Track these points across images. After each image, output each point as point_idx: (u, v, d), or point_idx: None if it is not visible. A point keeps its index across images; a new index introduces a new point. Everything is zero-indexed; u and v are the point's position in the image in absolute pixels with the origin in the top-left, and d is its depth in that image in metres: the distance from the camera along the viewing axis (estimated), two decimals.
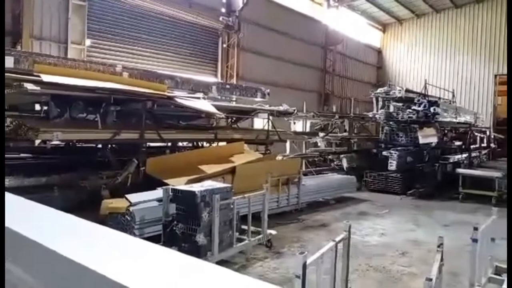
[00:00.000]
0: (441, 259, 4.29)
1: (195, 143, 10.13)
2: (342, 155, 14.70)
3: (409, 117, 14.43)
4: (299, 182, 9.95)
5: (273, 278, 5.71)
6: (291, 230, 8.53)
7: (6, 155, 7.07)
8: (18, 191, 5.10)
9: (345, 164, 14.00)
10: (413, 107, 14.47)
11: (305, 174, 11.78)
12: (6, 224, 2.88)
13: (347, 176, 12.94)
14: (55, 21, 11.70)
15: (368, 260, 6.68)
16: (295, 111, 12.80)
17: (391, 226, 9.34)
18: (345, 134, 16.57)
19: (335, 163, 14.87)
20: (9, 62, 6.75)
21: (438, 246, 4.46)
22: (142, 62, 13.51)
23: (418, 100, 14.59)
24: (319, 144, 15.71)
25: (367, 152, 15.82)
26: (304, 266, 3.26)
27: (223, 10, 16.71)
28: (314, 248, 4.45)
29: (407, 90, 15.66)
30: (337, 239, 4.17)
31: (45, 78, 6.26)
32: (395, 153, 13.68)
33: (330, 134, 15.90)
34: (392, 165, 13.55)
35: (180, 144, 9.89)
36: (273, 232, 7.19)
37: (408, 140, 15.00)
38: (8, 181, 5.99)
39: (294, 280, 3.26)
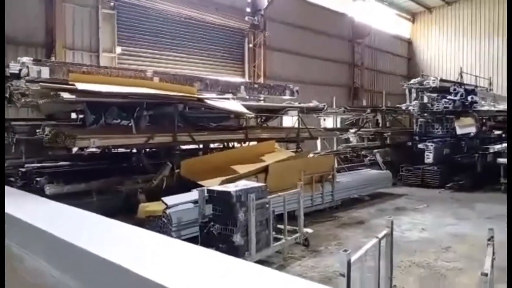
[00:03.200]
0: (493, 253, 4.08)
1: (226, 143, 10.14)
2: (375, 150, 14.34)
3: (445, 107, 13.95)
4: (333, 179, 9.78)
5: (312, 277, 5.61)
6: (327, 228, 8.39)
7: (45, 164, 7.31)
8: (59, 197, 5.26)
9: (379, 159, 13.65)
10: (449, 97, 13.98)
11: (338, 171, 11.56)
12: (48, 230, 2.93)
13: (382, 171, 12.63)
14: (86, 31, 12.01)
15: (410, 257, 6.47)
16: (325, 107, 12.60)
17: (431, 220, 9.03)
18: (378, 128, 16.18)
19: (368, 158, 14.53)
20: (45, 72, 6.95)
21: (489, 239, 4.24)
22: (171, 66, 13.68)
23: (454, 89, 14.08)
24: (351, 139, 15.43)
25: (402, 145, 15.39)
26: (349, 264, 3.16)
27: (248, 10, 16.67)
28: (352, 246, 4.32)
29: (442, 80, 15.11)
30: (380, 235, 4.04)
31: (80, 86, 6.42)
32: (431, 145, 13.25)
33: (362, 129, 15.58)
34: (429, 157, 13.12)
35: (211, 145, 9.93)
36: (309, 230, 7.09)
37: (444, 131, 14.51)
38: (48, 189, 6.18)
39: (338, 279, 3.16)
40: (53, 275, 2.83)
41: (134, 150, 8.28)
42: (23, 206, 3.83)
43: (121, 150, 8.47)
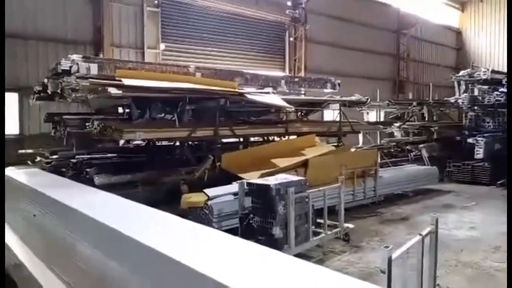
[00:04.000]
0: None
1: (266, 137, 10.17)
2: (421, 145, 13.83)
3: (496, 100, 13.23)
4: (376, 174, 9.55)
5: (353, 272, 5.53)
6: (369, 223, 8.23)
7: (94, 156, 7.67)
8: (106, 188, 5.51)
9: (425, 154, 13.17)
10: (501, 89, 13.22)
11: (381, 166, 11.28)
12: (99, 218, 3.07)
13: (428, 167, 12.19)
14: (132, 29, 12.43)
15: (456, 255, 6.23)
16: (368, 100, 12.31)
17: (480, 219, 8.62)
18: (424, 122, 15.59)
19: (413, 153, 14.05)
20: (93, 69, 7.27)
21: None
22: (213, 61, 13.87)
23: (507, 81, 13.27)
24: (395, 134, 14.97)
25: (450, 140, 14.74)
26: (390, 261, 3.10)
27: (289, 3, 16.56)
28: (395, 243, 4.21)
29: (493, 71, 14.30)
30: (424, 232, 3.92)
31: (126, 82, 6.67)
32: (481, 140, 12.62)
33: (407, 123, 15.07)
34: (479, 153, 12.52)
35: (251, 139, 10.00)
36: (350, 225, 6.99)
37: (496, 126, 13.75)
38: (97, 179, 6.49)
39: (379, 275, 3.11)
40: (102, 261, 2.99)
41: (178, 143, 8.49)
42: (75, 196, 4.06)
43: (165, 143, 8.74)
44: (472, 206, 9.85)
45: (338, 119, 11.11)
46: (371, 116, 16.74)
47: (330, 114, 13.67)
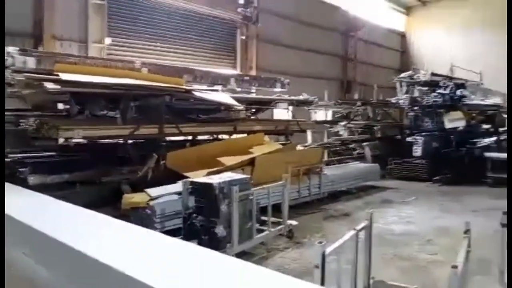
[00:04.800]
0: (469, 246, 4.16)
1: (214, 136, 10.13)
2: (364, 143, 14.41)
3: (434, 101, 14.05)
4: (321, 172, 9.82)
5: (293, 268, 5.67)
6: (313, 220, 8.45)
7: (29, 154, 7.27)
8: (42, 188, 5.24)
9: (367, 152, 13.73)
10: (439, 91, 14.06)
11: (327, 164, 11.62)
12: (23, 220, 2.93)
13: (370, 164, 12.72)
14: (75, 21, 11.84)
15: (392, 249, 6.55)
16: (316, 100, 12.61)
17: (417, 213, 9.12)
18: (368, 121, 16.23)
19: (357, 151, 14.61)
20: (31, 63, 6.90)
21: (465, 232, 4.33)
22: (161, 57, 13.56)
23: (444, 83, 14.14)
24: (341, 132, 15.47)
25: (391, 139, 15.47)
26: (323, 256, 3.21)
27: (241, 1, 16.56)
28: (336, 238, 4.37)
29: (433, 74, 15.16)
30: (358, 227, 4.09)
31: (64, 76, 6.37)
32: (420, 139, 13.36)
33: (352, 122, 15.62)
34: (417, 151, 13.24)
35: (200, 137, 9.91)
36: (294, 222, 7.14)
37: (433, 125, 14.61)
38: (32, 179, 6.16)
39: (314, 270, 3.22)
40: (34, 269, 2.85)
41: (121, 141, 8.23)
42: (5, 198, 3.82)
43: (108, 141, 8.43)
44: (410, 201, 10.40)
45: (286, 118, 11.29)
46: (320, 115, 17.16)
47: (280, 113, 13.86)
